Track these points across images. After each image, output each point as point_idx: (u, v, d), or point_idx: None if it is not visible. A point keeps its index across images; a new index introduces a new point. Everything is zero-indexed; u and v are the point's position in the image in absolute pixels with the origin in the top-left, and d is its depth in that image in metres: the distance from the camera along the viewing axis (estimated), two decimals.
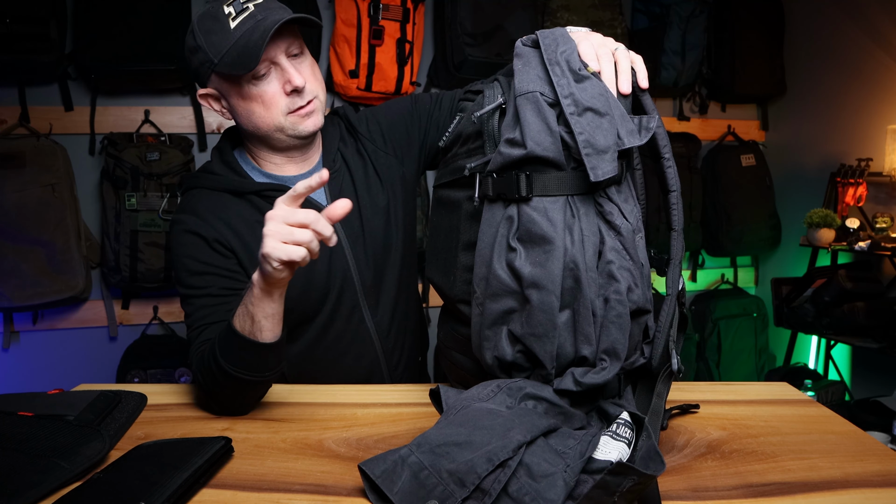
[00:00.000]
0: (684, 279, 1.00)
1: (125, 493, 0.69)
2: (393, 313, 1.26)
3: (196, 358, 1.03)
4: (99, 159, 2.57)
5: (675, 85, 3.10)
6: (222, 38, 1.03)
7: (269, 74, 1.06)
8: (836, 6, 2.96)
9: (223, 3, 1.05)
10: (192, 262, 1.11)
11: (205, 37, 1.04)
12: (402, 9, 2.59)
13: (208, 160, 1.22)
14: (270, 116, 1.09)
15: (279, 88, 1.07)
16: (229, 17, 1.03)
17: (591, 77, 0.80)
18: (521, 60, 0.83)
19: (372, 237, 1.21)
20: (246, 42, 1.01)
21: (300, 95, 1.08)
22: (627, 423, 0.74)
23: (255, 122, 1.10)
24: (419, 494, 0.68)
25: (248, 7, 1.04)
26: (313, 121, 1.11)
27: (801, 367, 2.98)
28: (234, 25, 1.02)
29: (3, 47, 2.26)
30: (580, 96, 0.78)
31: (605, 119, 0.77)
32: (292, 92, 1.07)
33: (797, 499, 0.75)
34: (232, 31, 1.02)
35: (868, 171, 2.73)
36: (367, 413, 1.01)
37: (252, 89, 1.07)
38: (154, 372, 2.55)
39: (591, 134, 0.77)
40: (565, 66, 0.80)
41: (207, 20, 1.05)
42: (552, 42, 0.83)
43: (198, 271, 1.11)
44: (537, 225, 0.79)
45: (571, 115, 0.77)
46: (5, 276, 2.34)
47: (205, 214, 1.13)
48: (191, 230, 1.12)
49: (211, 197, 1.15)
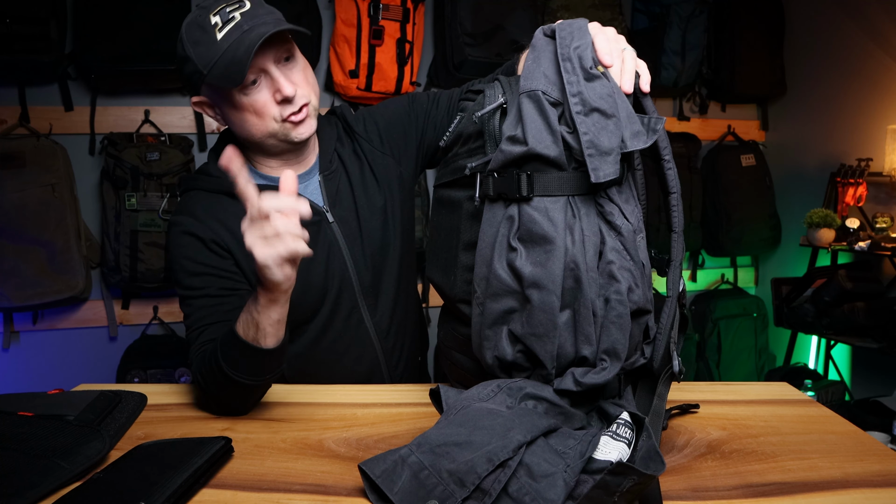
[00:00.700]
0: (685, 280, 1.00)
1: (125, 493, 0.69)
2: (392, 313, 1.26)
3: (197, 360, 1.03)
4: (99, 159, 2.57)
5: (675, 85, 3.10)
6: (209, 49, 1.01)
7: (259, 83, 1.05)
8: (836, 6, 2.96)
9: (209, 12, 1.02)
10: (190, 264, 1.11)
11: (193, 48, 1.02)
12: (402, 9, 2.59)
13: (205, 162, 1.22)
14: (262, 124, 1.08)
15: (269, 97, 1.06)
16: (216, 28, 1.01)
17: (602, 76, 0.79)
18: (533, 53, 0.82)
19: (369, 238, 1.21)
20: (232, 56, 1.00)
21: (291, 103, 1.07)
22: (627, 423, 0.74)
23: (248, 129, 1.10)
24: (419, 494, 0.68)
25: (235, 17, 1.01)
26: (306, 127, 1.11)
27: (801, 367, 2.98)
28: (220, 37, 1.00)
29: (4, 47, 2.26)
30: (588, 96, 0.77)
31: (612, 121, 0.77)
32: (283, 101, 1.06)
33: (797, 499, 0.75)
34: (219, 42, 1.00)
35: (868, 171, 2.73)
36: (366, 413, 1.01)
37: (243, 99, 1.06)
38: (154, 372, 2.55)
39: (595, 135, 0.76)
40: (577, 63, 0.79)
41: (195, 30, 1.03)
42: (568, 35, 0.81)
43: (196, 272, 1.10)
44: (538, 225, 0.79)
45: (578, 115, 0.77)
46: (5, 276, 2.34)
47: (202, 216, 1.13)
48: (188, 231, 1.12)
49: (208, 199, 1.15)
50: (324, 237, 1.17)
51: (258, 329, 0.93)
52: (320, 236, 1.17)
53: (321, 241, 1.17)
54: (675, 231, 0.84)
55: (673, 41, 3.00)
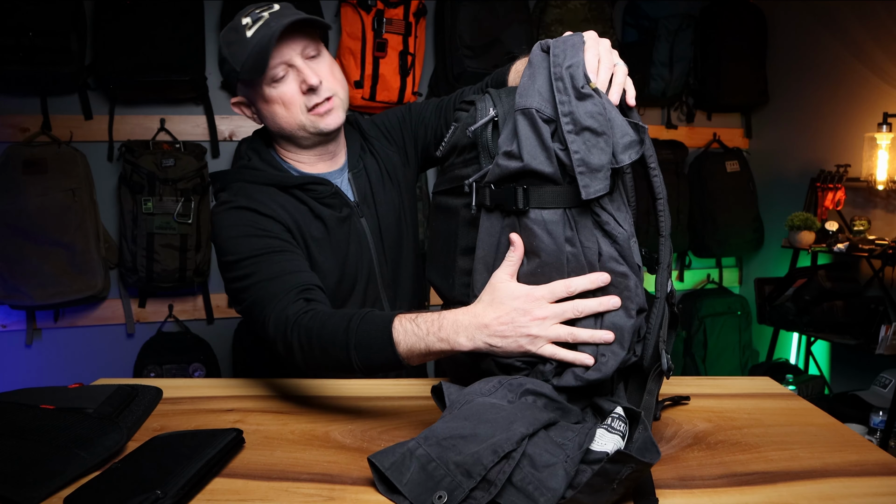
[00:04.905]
0: (672, 280, 1.00)
1: (142, 482, 0.69)
2: (410, 307, 1.27)
3: (305, 321, 0.91)
4: (117, 165, 2.57)
5: (664, 95, 3.10)
6: (241, 47, 1.04)
7: (286, 76, 1.07)
8: (816, 20, 2.96)
9: (242, 15, 1.06)
10: (249, 228, 1.04)
11: (227, 48, 1.06)
12: (405, 22, 2.59)
13: (244, 159, 1.17)
14: (291, 116, 1.09)
15: (296, 88, 1.08)
16: (246, 28, 1.04)
17: (593, 94, 0.77)
18: (529, 69, 0.82)
19: (388, 233, 1.22)
20: (258, 47, 1.02)
21: (316, 93, 1.08)
22: (621, 417, 0.74)
23: (278, 122, 1.11)
24: (428, 485, 0.68)
25: (264, 16, 1.05)
26: (334, 118, 1.11)
27: (782, 363, 2.98)
28: (250, 34, 1.04)
29: (26, 59, 2.26)
30: (579, 115, 0.76)
31: (602, 139, 0.76)
32: (309, 90, 1.07)
33: (779, 487, 0.75)
34: (248, 39, 1.04)
35: (846, 176, 2.73)
36: (371, 406, 1.01)
37: (272, 92, 1.07)
38: (169, 367, 2.56)
39: (586, 153, 0.76)
40: (569, 83, 0.77)
41: (230, 33, 1.07)
42: (561, 53, 0.80)
43: (256, 234, 1.03)
44: (538, 239, 0.79)
45: (569, 134, 0.76)
46: (28, 277, 2.34)
47: (255, 196, 1.09)
48: (241, 206, 1.06)
49: (257, 188, 1.11)
50: (354, 229, 1.17)
51: (418, 354, 0.84)
52: (352, 228, 1.17)
53: (353, 232, 1.17)
54: (663, 235, 0.84)
55: (661, 53, 3.01)
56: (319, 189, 1.13)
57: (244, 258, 1.02)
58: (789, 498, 0.73)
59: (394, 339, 0.84)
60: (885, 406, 2.30)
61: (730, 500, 0.72)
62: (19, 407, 0.89)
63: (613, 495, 0.67)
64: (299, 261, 1.03)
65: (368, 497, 0.72)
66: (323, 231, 1.13)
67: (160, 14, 2.39)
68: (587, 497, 0.66)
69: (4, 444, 0.79)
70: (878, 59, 2.65)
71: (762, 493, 0.74)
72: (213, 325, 2.76)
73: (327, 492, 0.74)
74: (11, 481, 0.71)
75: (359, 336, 0.86)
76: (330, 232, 1.14)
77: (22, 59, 2.26)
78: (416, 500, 0.68)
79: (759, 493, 0.74)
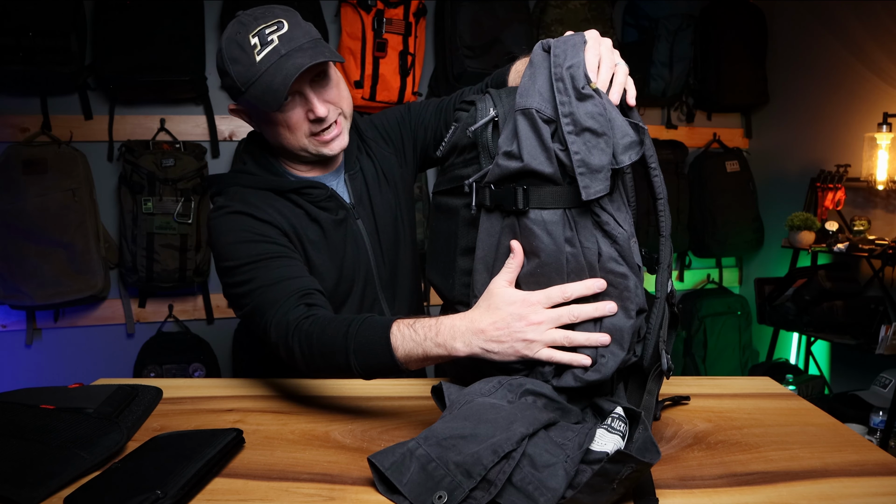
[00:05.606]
0: (673, 280, 0.99)
1: (142, 482, 0.69)
2: (409, 307, 1.27)
3: (305, 327, 0.92)
4: (117, 165, 2.57)
5: (664, 95, 3.10)
6: (248, 70, 1.00)
7: (293, 102, 1.04)
8: (816, 20, 2.96)
9: (249, 32, 1.00)
10: (247, 234, 1.04)
11: (231, 65, 1.01)
12: (405, 23, 2.59)
13: (240, 163, 1.18)
14: (295, 139, 1.08)
15: (303, 115, 1.06)
16: (254, 50, 0.99)
17: (594, 95, 0.77)
18: (530, 69, 0.81)
19: (385, 234, 1.22)
20: (269, 83, 0.99)
21: (323, 122, 1.07)
22: (621, 417, 0.74)
23: (280, 141, 1.10)
24: (428, 486, 0.68)
25: (273, 40, 0.99)
26: (338, 143, 1.10)
27: (782, 363, 2.98)
28: (258, 59, 0.99)
29: (27, 59, 2.26)
30: (579, 116, 0.75)
31: (602, 139, 0.76)
32: (315, 120, 1.06)
33: (779, 487, 0.75)
34: (257, 64, 0.99)
35: (846, 176, 2.73)
36: (371, 406, 1.01)
37: (277, 116, 1.06)
38: (169, 367, 2.56)
39: (586, 154, 0.75)
40: (569, 83, 0.77)
41: (234, 48, 1.01)
42: (562, 53, 0.79)
43: (253, 240, 1.03)
44: (538, 239, 0.79)
45: (570, 134, 0.76)
46: (28, 277, 2.34)
47: (251, 201, 1.09)
48: (238, 211, 1.06)
49: (253, 192, 1.11)
50: (351, 231, 1.17)
51: (415, 360, 0.85)
52: (348, 230, 1.17)
53: (349, 235, 1.17)
54: (663, 235, 0.84)
55: (661, 53, 3.01)
56: (315, 193, 1.13)
57: (243, 264, 1.02)
58: (789, 498, 0.73)
59: (392, 345, 0.85)
60: (884, 406, 2.31)
61: (730, 500, 0.72)
62: (19, 407, 0.88)
63: (613, 495, 0.67)
64: (298, 265, 1.04)
65: (368, 497, 0.72)
66: (320, 234, 1.13)
67: (160, 14, 2.39)
68: (587, 497, 0.66)
69: (4, 444, 0.79)
70: (878, 59, 2.65)
71: (762, 493, 0.74)
72: (213, 325, 2.77)
73: (327, 492, 0.74)
74: (11, 481, 0.71)
75: (357, 341, 0.87)
76: (327, 235, 1.14)
77: (22, 59, 2.26)
78: (416, 500, 0.68)
79: (758, 493, 0.74)
